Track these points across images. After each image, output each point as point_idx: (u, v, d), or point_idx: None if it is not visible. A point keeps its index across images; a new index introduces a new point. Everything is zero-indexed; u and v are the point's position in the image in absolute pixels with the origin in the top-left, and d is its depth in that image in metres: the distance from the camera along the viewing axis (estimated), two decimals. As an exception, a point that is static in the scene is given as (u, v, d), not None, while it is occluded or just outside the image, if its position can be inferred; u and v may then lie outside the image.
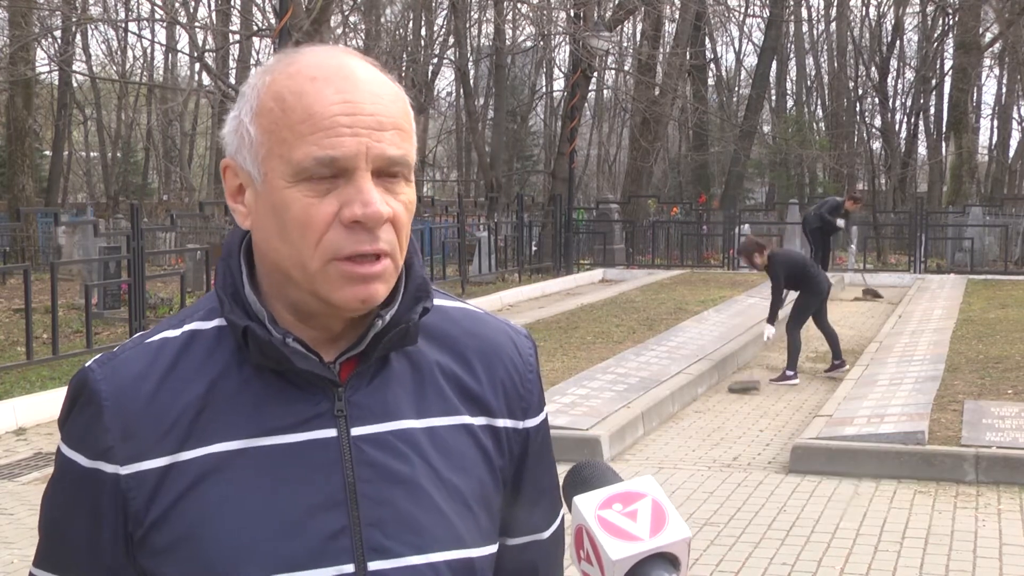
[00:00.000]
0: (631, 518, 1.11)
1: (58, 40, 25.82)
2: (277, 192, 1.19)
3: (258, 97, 1.21)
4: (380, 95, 1.20)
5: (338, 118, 1.17)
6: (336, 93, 1.18)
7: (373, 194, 1.17)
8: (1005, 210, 25.38)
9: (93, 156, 37.17)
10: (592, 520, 1.11)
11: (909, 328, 13.28)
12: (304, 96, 1.18)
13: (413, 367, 1.29)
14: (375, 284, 1.19)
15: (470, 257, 19.33)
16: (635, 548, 1.09)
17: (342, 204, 1.17)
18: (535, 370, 1.38)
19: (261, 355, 1.21)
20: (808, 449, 7.61)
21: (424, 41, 31.01)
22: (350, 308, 1.21)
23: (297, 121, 1.17)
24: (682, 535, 1.11)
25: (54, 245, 21.12)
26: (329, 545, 1.20)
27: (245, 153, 1.22)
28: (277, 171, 1.19)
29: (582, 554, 1.13)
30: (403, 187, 1.21)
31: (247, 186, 1.23)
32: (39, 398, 8.80)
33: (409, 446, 1.25)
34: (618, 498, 1.13)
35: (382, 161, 1.18)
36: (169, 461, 1.20)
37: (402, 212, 1.20)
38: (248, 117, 1.21)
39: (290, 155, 1.17)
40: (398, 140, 1.19)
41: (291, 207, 1.18)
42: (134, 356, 1.24)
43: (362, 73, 1.20)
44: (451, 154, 42.49)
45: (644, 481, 1.15)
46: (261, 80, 1.22)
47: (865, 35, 35.20)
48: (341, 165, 1.17)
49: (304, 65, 1.20)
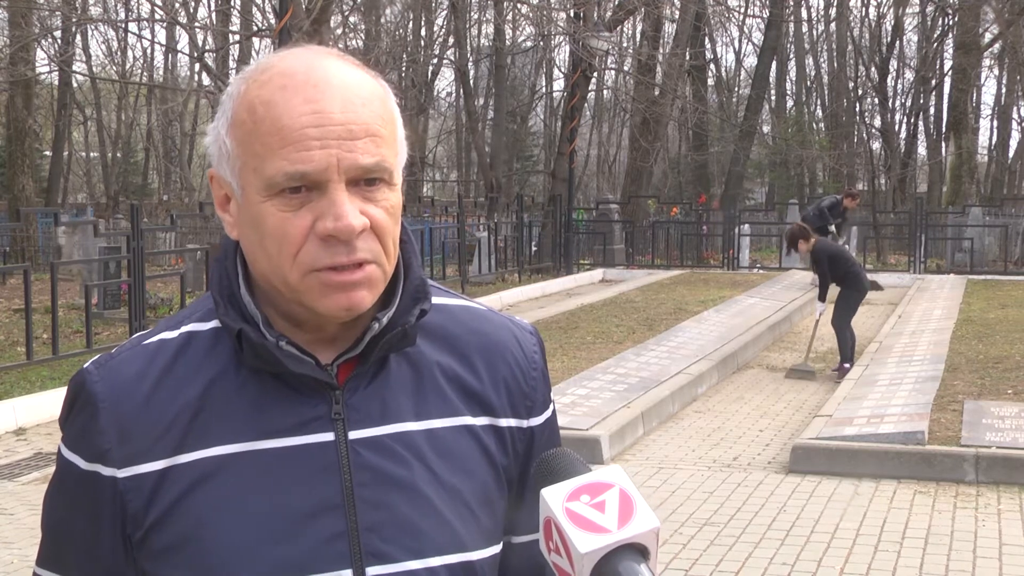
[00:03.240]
0: (599, 509, 1.10)
1: (58, 40, 25.84)
2: (255, 206, 1.17)
3: (233, 108, 1.19)
4: (351, 100, 1.16)
5: (307, 130, 1.14)
6: (304, 103, 1.15)
7: (345, 207, 1.14)
8: (1005, 210, 25.36)
9: (93, 156, 37.17)
10: (560, 512, 1.10)
11: (909, 328, 13.28)
12: (273, 107, 1.15)
13: (412, 368, 1.27)
14: (358, 291, 1.18)
15: (470, 257, 19.33)
16: (603, 540, 1.08)
17: (316, 217, 1.15)
18: (540, 367, 1.36)
19: (256, 358, 1.21)
20: (808, 449, 7.61)
21: (424, 41, 31.04)
22: (335, 316, 1.19)
23: (266, 133, 1.15)
24: (650, 525, 1.10)
25: (54, 245, 21.12)
26: (327, 549, 1.19)
27: (224, 165, 1.20)
28: (252, 185, 1.17)
29: (551, 546, 1.12)
30: (384, 192, 1.18)
31: (231, 196, 1.22)
32: (39, 398, 8.80)
33: (408, 449, 1.24)
34: (585, 489, 1.12)
35: (356, 171, 1.16)
36: (167, 464, 1.20)
37: (382, 218, 1.18)
38: (224, 129, 1.20)
39: (263, 169, 1.16)
40: (372, 147, 1.16)
41: (267, 221, 1.16)
42: (131, 357, 1.24)
43: (335, 78, 1.17)
44: (451, 154, 42.49)
45: (611, 471, 1.14)
46: (236, 89, 1.20)
47: (865, 35, 35.18)
48: (312, 179, 1.14)
49: (276, 72, 1.18)
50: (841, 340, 11.08)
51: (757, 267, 22.55)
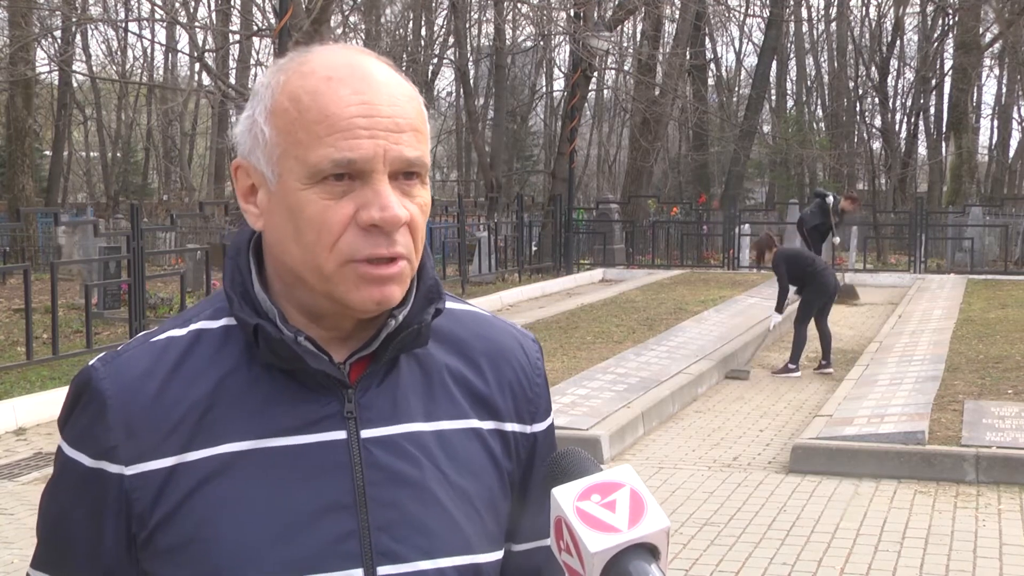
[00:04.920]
0: (610, 509, 1.10)
1: (58, 40, 25.85)
2: (292, 194, 1.17)
3: (272, 97, 1.19)
4: (397, 96, 1.18)
5: (355, 119, 1.15)
6: (353, 94, 1.16)
7: (391, 197, 1.16)
8: (1005, 210, 25.37)
9: (93, 156, 37.17)
10: (571, 512, 1.10)
11: (909, 328, 13.28)
12: (320, 96, 1.16)
13: (422, 369, 1.28)
14: (391, 286, 1.18)
15: (470, 257, 19.34)
16: (614, 540, 1.08)
17: (359, 207, 1.16)
18: (542, 374, 1.37)
19: (272, 354, 1.20)
20: (808, 449, 7.61)
21: (424, 41, 31.05)
22: (365, 310, 1.20)
23: (313, 122, 1.16)
24: (661, 525, 1.10)
25: (54, 245, 21.12)
26: (337, 548, 1.19)
27: (259, 153, 1.20)
28: (293, 172, 1.17)
29: (562, 545, 1.12)
30: (419, 189, 1.20)
31: (260, 187, 1.21)
32: (39, 398, 8.80)
33: (419, 449, 1.24)
34: (596, 488, 1.12)
35: (400, 163, 1.17)
36: (175, 461, 1.19)
37: (418, 215, 1.19)
38: (263, 117, 1.20)
39: (306, 156, 1.16)
40: (415, 141, 1.18)
41: (306, 209, 1.16)
42: (139, 355, 1.23)
43: (378, 74, 1.19)
44: (451, 154, 42.50)
45: (622, 471, 1.14)
46: (275, 79, 1.20)
47: (865, 35, 35.21)
48: (358, 167, 1.15)
49: (319, 64, 1.19)
50: (795, 340, 11.14)
51: (757, 267, 22.52)
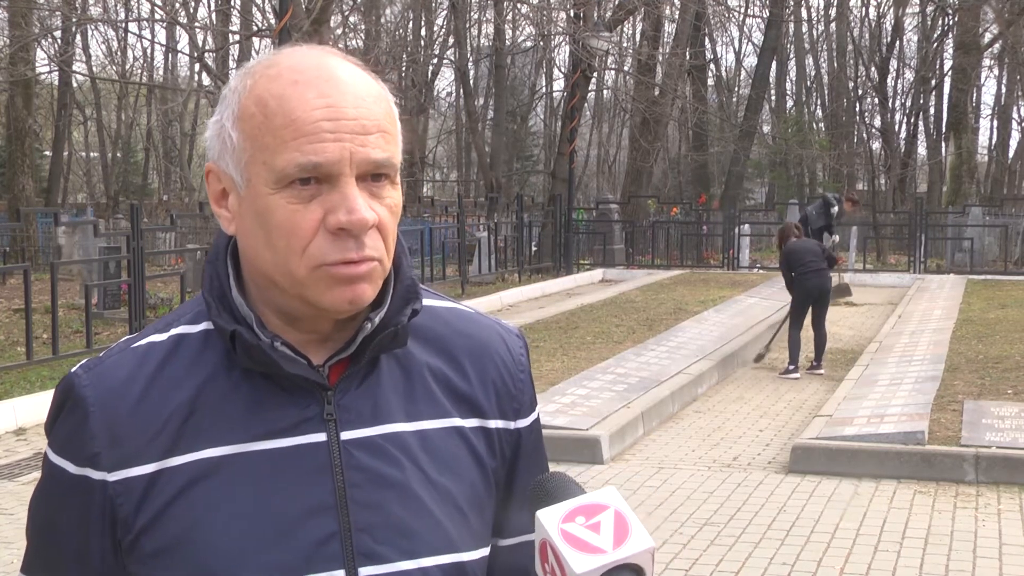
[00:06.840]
0: (594, 530, 1.11)
1: (58, 40, 25.83)
2: (261, 198, 1.17)
3: (239, 101, 1.19)
4: (363, 97, 1.17)
5: (321, 123, 1.14)
6: (318, 97, 1.15)
7: (358, 200, 1.15)
8: (1005, 210, 25.39)
9: (93, 156, 37.15)
10: (555, 534, 1.11)
11: (909, 328, 13.28)
12: (286, 100, 1.16)
13: (403, 370, 1.27)
14: (361, 284, 1.18)
15: (470, 257, 19.33)
16: (599, 561, 1.09)
17: (327, 211, 1.15)
18: (526, 369, 1.37)
19: (249, 359, 1.20)
20: (808, 449, 7.61)
21: (424, 41, 31.04)
22: (339, 310, 1.19)
23: (279, 126, 1.15)
24: (645, 546, 1.11)
25: (54, 245, 21.10)
26: (320, 551, 1.19)
27: (228, 158, 1.20)
28: (260, 177, 1.17)
29: (547, 568, 1.13)
30: (388, 190, 1.19)
31: (230, 191, 1.21)
32: (39, 398, 8.79)
33: (400, 450, 1.24)
34: (581, 511, 1.13)
35: (367, 165, 1.16)
36: (158, 467, 1.19)
37: (387, 216, 1.18)
38: (230, 122, 1.19)
39: (273, 161, 1.15)
40: (382, 143, 1.17)
41: (275, 214, 1.16)
42: (120, 361, 1.23)
43: (344, 75, 1.18)
44: (451, 154, 42.51)
45: (606, 493, 1.15)
46: (242, 83, 1.20)
47: (865, 35, 35.20)
48: (325, 171, 1.15)
49: (285, 67, 1.18)
50: (789, 343, 11.17)
51: (757, 267, 22.54)
